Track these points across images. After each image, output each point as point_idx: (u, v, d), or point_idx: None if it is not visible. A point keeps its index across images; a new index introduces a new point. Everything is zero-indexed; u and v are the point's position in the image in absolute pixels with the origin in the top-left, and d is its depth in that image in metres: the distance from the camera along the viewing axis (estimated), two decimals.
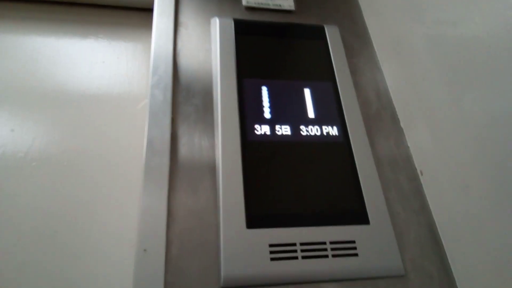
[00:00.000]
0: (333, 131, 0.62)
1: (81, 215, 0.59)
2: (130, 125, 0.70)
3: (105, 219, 0.58)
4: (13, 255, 0.55)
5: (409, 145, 0.65)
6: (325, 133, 0.61)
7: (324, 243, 0.51)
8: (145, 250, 0.45)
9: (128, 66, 0.78)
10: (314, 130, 0.61)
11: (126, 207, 0.59)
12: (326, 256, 0.51)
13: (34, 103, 0.70)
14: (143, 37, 0.82)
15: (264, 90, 0.63)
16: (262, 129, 0.59)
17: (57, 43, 0.78)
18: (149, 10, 0.72)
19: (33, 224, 0.57)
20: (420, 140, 0.62)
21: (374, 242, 0.53)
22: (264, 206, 0.53)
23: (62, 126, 0.67)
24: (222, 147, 0.56)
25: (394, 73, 0.70)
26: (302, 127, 0.61)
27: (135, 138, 0.69)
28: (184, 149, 0.56)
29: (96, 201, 0.61)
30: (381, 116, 0.67)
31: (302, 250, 0.50)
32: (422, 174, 0.61)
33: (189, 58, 0.66)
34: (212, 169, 0.56)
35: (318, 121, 0.62)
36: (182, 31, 0.69)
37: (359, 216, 0.55)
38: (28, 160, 0.63)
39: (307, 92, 0.65)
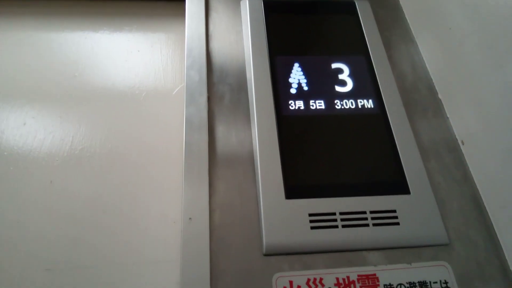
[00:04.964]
0: (368, 104, 0.61)
1: (126, 197, 0.61)
2: (166, 108, 0.73)
3: (148, 200, 0.60)
4: (65, 230, 0.58)
5: (448, 115, 0.63)
6: (360, 106, 0.61)
7: (364, 212, 0.51)
8: (190, 218, 0.47)
9: (162, 53, 0.80)
10: (348, 104, 0.61)
11: (168, 190, 0.61)
12: (367, 225, 0.50)
13: (79, 91, 0.74)
14: (176, 27, 0.85)
15: (297, 66, 0.64)
16: (296, 104, 0.60)
17: (96, 35, 0.83)
18: (181, 0, 0.75)
19: (83, 203, 0.61)
20: (460, 110, 0.60)
21: (415, 211, 0.52)
22: (302, 177, 0.53)
23: (103, 111, 0.71)
24: (258, 122, 0.57)
25: (429, 43, 0.68)
26: (336, 101, 0.61)
27: (172, 120, 0.71)
28: (221, 126, 0.58)
29: (139, 183, 0.63)
30: (418, 87, 0.66)
31: (342, 219, 0.51)
32: (463, 144, 0.59)
33: (221, 40, 0.68)
34: (249, 143, 0.57)
35: (353, 94, 0.62)
36: (213, 15, 0.71)
37: (399, 186, 0.54)
38: (75, 144, 0.67)
39: (340, 66, 0.65)
